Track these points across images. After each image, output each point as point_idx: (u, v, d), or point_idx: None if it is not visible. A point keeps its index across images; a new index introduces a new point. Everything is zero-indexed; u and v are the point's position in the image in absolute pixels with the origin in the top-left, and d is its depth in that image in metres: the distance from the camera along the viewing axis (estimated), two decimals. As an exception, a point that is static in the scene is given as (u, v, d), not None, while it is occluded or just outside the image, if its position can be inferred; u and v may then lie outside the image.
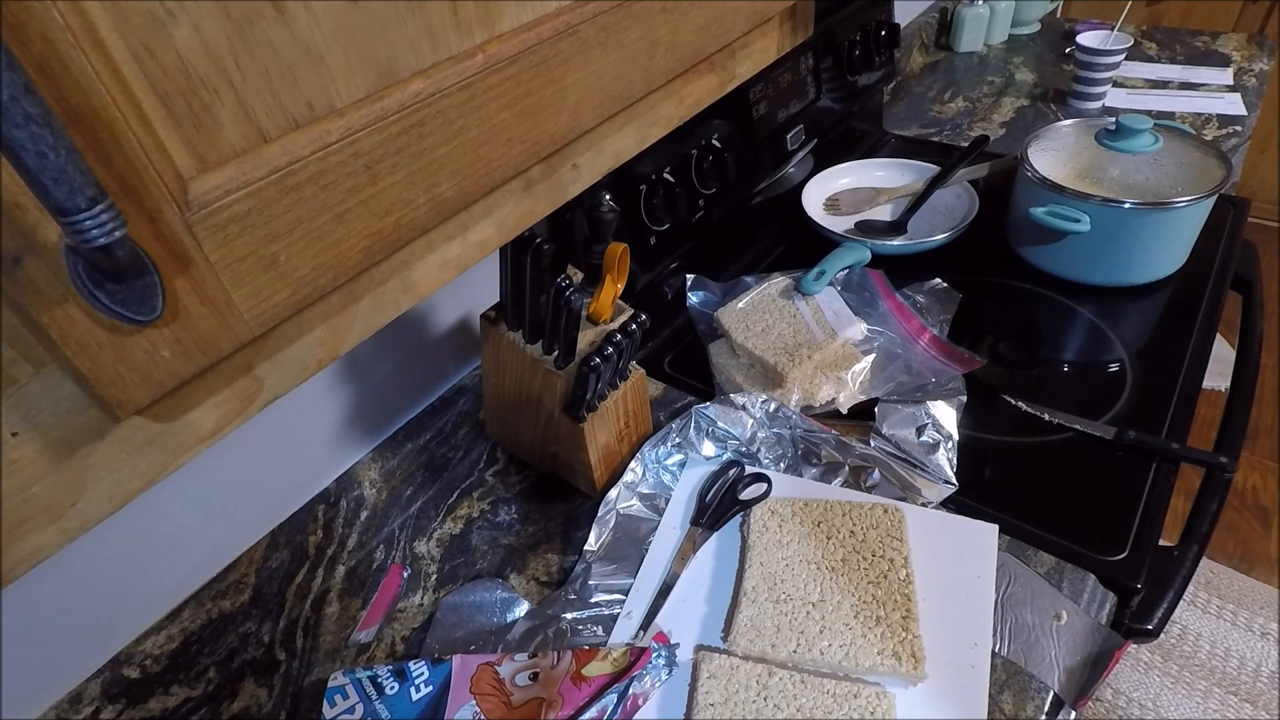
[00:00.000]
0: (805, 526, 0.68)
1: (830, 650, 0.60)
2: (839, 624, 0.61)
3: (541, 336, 0.66)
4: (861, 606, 0.62)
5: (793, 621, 0.62)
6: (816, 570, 0.65)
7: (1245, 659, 1.46)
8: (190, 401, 0.29)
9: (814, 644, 0.60)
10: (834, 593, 0.64)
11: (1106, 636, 0.60)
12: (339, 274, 0.31)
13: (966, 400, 0.79)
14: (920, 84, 1.53)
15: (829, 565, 0.65)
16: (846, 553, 0.66)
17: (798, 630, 0.61)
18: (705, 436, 0.77)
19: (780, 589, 0.64)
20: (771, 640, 0.61)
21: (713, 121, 0.92)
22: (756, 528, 0.69)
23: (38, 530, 0.26)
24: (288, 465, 0.73)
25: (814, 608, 0.63)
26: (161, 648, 0.64)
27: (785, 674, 0.58)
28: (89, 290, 0.22)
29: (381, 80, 0.30)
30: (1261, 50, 1.48)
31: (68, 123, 0.21)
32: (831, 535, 0.68)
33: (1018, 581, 0.64)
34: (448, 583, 0.71)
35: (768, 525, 0.69)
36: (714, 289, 0.96)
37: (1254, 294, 1.00)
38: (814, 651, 0.60)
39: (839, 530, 0.68)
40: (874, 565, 0.65)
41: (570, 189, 0.43)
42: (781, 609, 0.63)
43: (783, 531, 0.68)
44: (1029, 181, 0.95)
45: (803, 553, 0.67)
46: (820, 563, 0.66)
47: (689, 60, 0.46)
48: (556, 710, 0.56)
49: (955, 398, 0.78)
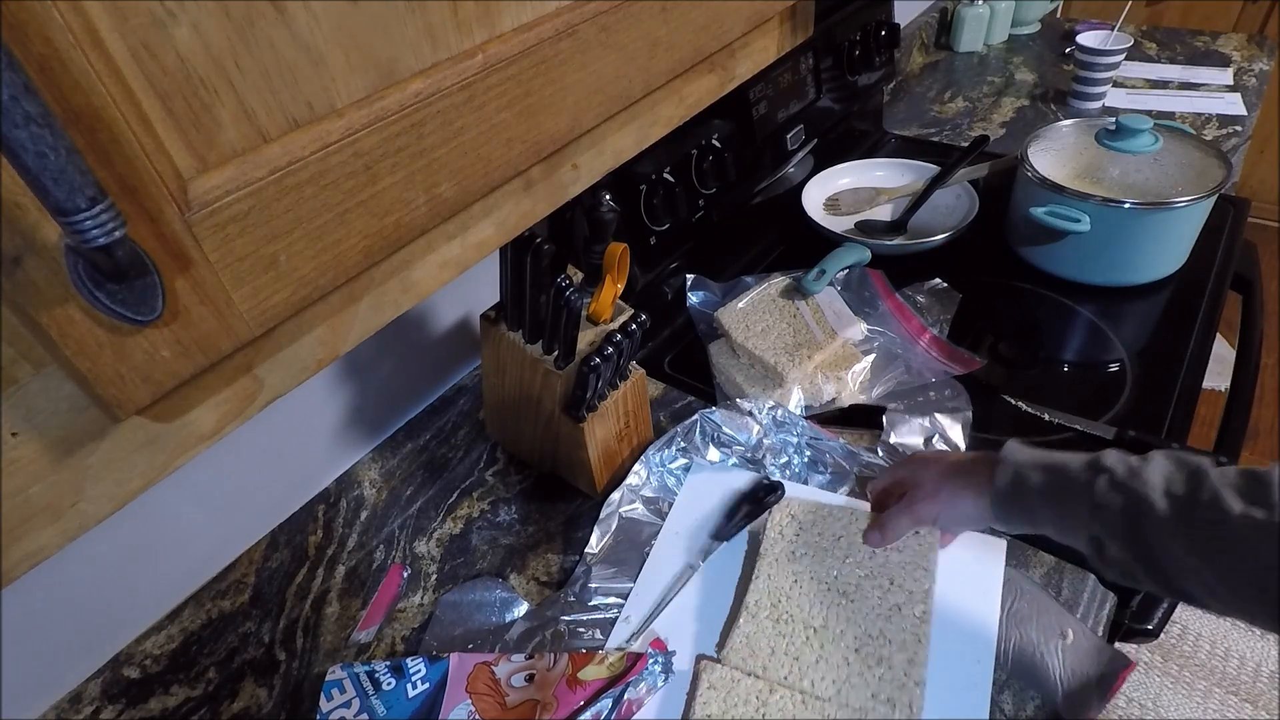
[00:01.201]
0: (824, 540, 0.64)
1: (822, 683, 0.57)
2: (837, 656, 0.58)
3: (541, 336, 0.66)
4: (865, 641, 0.58)
5: (789, 645, 0.59)
6: (825, 592, 0.61)
7: (1245, 659, 1.46)
8: (190, 401, 0.29)
9: (807, 673, 0.57)
10: (838, 620, 0.60)
11: (1113, 657, 0.59)
12: (339, 274, 0.31)
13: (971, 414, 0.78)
14: (920, 84, 1.53)
15: (840, 589, 0.61)
16: (862, 577, 0.62)
17: (793, 655, 0.58)
18: (710, 441, 0.77)
19: (783, 607, 0.61)
20: (765, 661, 0.58)
21: (713, 121, 0.92)
22: (772, 534, 0.66)
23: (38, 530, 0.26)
24: (288, 465, 0.73)
25: (814, 634, 0.59)
26: (161, 648, 0.64)
27: (787, 692, 0.57)
28: (89, 290, 0.22)
29: (381, 80, 0.30)
30: (1261, 50, 1.48)
31: (68, 123, 0.21)
32: (850, 555, 0.63)
33: (1023, 597, 0.63)
34: (448, 583, 0.71)
35: (784, 532, 0.66)
36: (714, 289, 0.96)
37: (1254, 294, 1.00)
38: (805, 680, 0.57)
39: (859, 549, 0.64)
40: (889, 596, 0.61)
41: (570, 189, 0.43)
42: (780, 630, 0.60)
43: (798, 541, 0.65)
44: (1029, 181, 0.95)
45: (814, 570, 0.63)
46: (831, 584, 0.62)
47: (689, 60, 0.46)
48: (551, 713, 0.56)
49: (961, 414, 0.78)
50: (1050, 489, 0.53)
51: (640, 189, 0.84)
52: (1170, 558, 0.46)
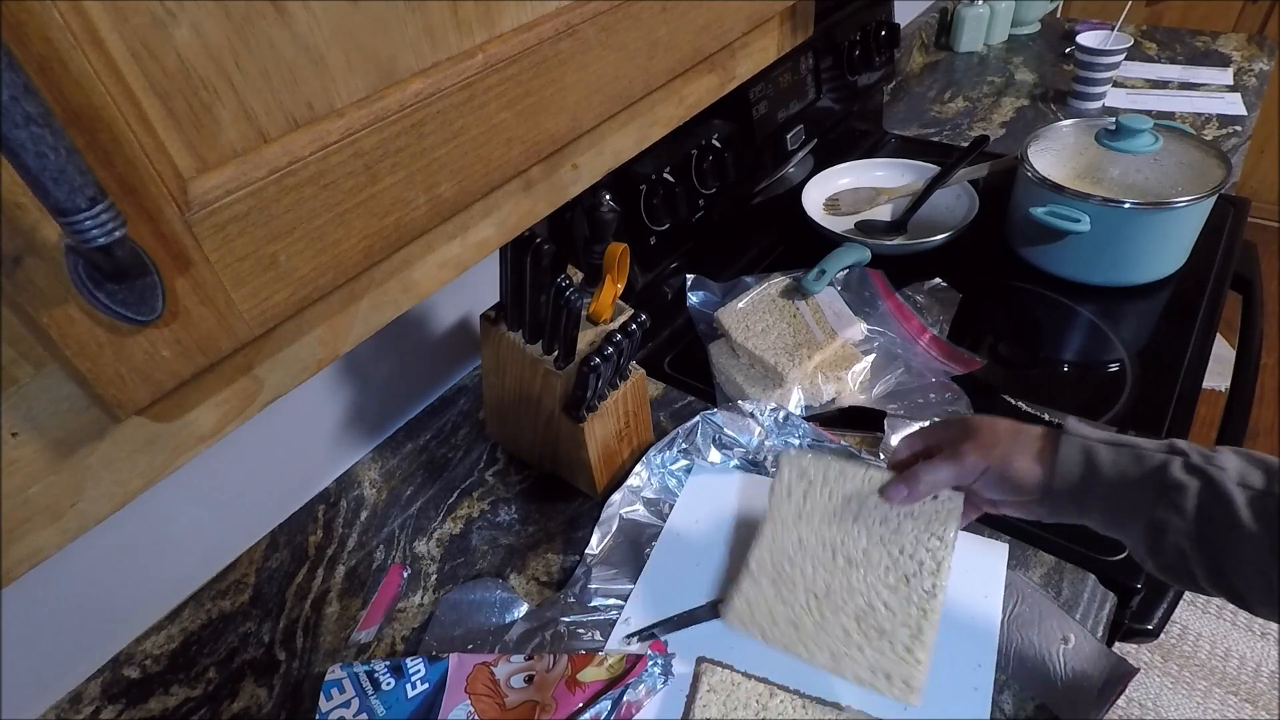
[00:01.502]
0: (834, 500, 0.59)
1: (819, 653, 0.54)
2: (837, 626, 0.55)
3: (541, 336, 0.66)
4: (867, 612, 0.55)
5: (790, 612, 0.56)
6: (830, 558, 0.57)
7: (1245, 659, 1.46)
8: (190, 401, 0.29)
9: (805, 640, 0.55)
10: (842, 589, 0.56)
11: (1115, 664, 0.58)
12: (339, 274, 0.31)
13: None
14: (920, 84, 1.53)
15: (846, 555, 0.57)
16: (871, 543, 0.57)
17: (792, 622, 0.56)
18: (712, 443, 0.77)
19: (787, 572, 0.57)
20: (764, 627, 0.56)
21: (713, 121, 0.92)
22: (780, 492, 0.61)
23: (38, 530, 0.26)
24: (288, 465, 0.73)
25: (816, 601, 0.56)
26: (161, 648, 0.64)
27: (787, 696, 0.57)
28: (89, 290, 0.22)
29: (381, 80, 0.30)
30: (1261, 50, 1.48)
31: (68, 123, 0.21)
32: (860, 517, 0.58)
33: (1025, 602, 0.63)
34: (448, 583, 0.71)
35: (793, 490, 0.60)
36: (714, 289, 0.96)
37: (1254, 294, 1.00)
38: (801, 647, 0.55)
39: (871, 512, 0.58)
40: (898, 565, 0.56)
41: (570, 189, 0.43)
42: (781, 594, 0.57)
43: (806, 502, 0.60)
44: (1029, 181, 0.95)
45: (822, 533, 0.58)
46: (837, 549, 0.58)
47: (689, 60, 0.46)
48: (550, 714, 0.56)
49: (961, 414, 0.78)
50: (1119, 465, 0.49)
51: (640, 189, 0.84)
52: (1236, 550, 0.44)
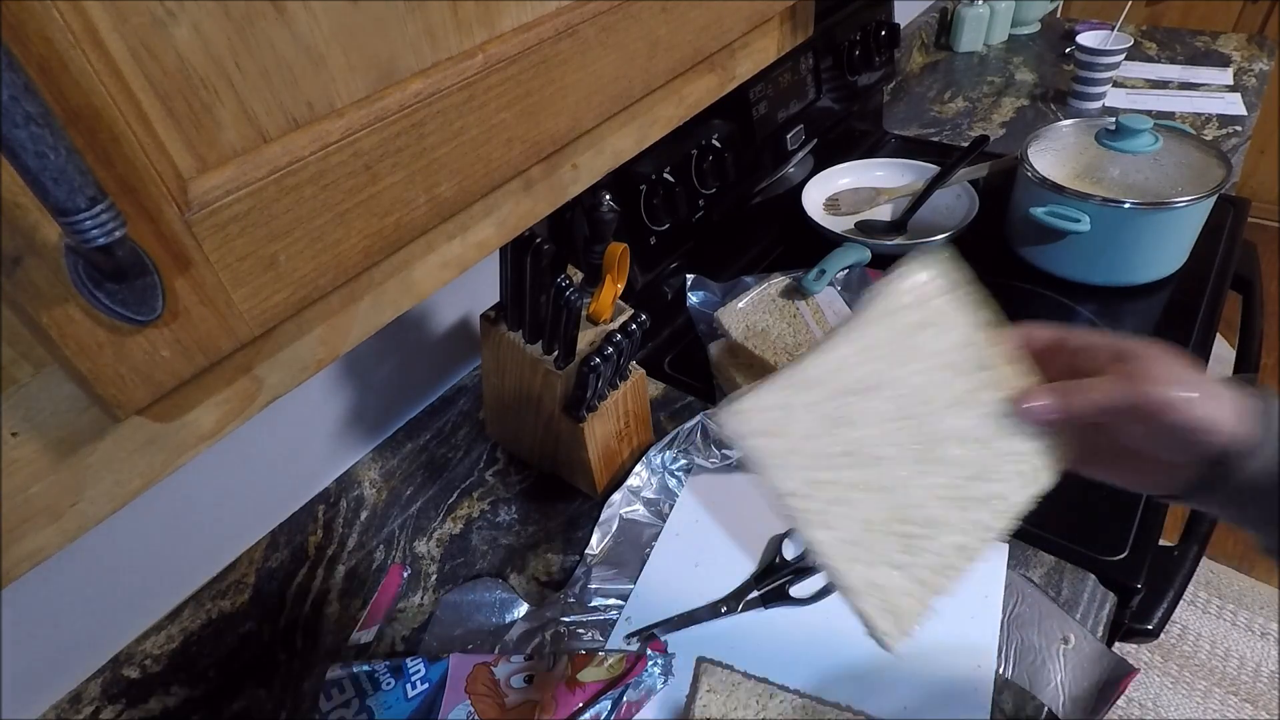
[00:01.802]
0: (940, 342, 0.41)
1: (826, 540, 0.38)
2: (863, 509, 0.39)
3: (541, 336, 0.66)
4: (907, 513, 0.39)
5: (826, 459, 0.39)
6: (905, 423, 0.40)
7: (1245, 659, 1.46)
8: (190, 401, 0.29)
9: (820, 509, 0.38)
10: (899, 467, 0.39)
11: (1115, 664, 0.58)
12: (339, 274, 0.31)
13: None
14: (920, 84, 1.53)
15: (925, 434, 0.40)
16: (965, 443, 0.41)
17: (816, 471, 0.39)
18: (712, 444, 0.77)
19: (844, 408, 0.39)
20: (783, 455, 0.38)
21: (713, 121, 0.92)
22: (880, 307, 0.40)
23: (38, 530, 0.26)
24: (288, 465, 0.73)
25: (858, 464, 0.39)
26: (161, 648, 0.64)
27: (787, 696, 0.57)
28: (89, 290, 0.22)
29: (381, 80, 0.30)
30: (1261, 50, 1.48)
31: (68, 123, 0.21)
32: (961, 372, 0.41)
33: (1025, 602, 0.63)
34: (448, 583, 0.71)
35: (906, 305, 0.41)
36: (714, 289, 0.96)
37: (1254, 294, 1.00)
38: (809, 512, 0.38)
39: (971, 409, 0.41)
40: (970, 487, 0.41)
41: (570, 189, 0.43)
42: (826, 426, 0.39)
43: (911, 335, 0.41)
44: (1029, 181, 0.95)
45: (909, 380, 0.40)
46: (919, 417, 0.40)
47: (689, 60, 0.46)
48: (550, 714, 0.56)
49: None
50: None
51: (640, 189, 0.84)
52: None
